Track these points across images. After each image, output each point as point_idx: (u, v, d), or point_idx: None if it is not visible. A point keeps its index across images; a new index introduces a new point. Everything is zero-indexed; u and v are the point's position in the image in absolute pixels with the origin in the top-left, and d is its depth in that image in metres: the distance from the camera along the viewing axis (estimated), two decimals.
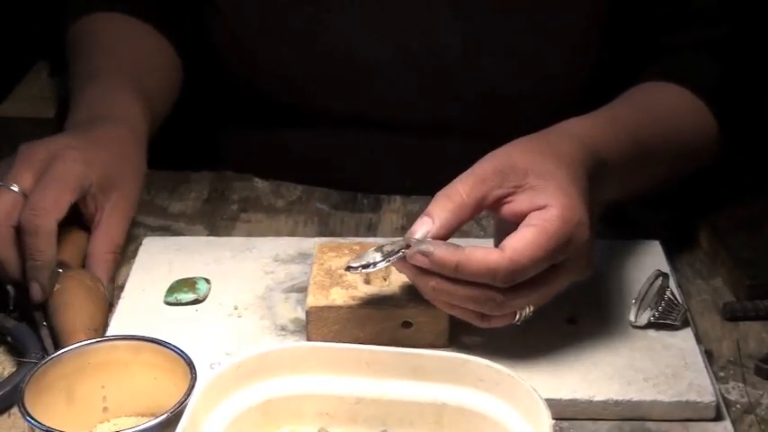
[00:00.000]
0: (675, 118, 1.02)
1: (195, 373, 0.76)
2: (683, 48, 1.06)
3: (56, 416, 0.77)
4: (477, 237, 1.05)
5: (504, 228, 0.85)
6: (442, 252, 0.80)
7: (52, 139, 0.96)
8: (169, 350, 0.79)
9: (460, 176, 0.84)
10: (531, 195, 0.83)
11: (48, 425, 0.74)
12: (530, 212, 0.83)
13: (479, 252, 0.81)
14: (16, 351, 0.89)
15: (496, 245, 0.84)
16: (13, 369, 0.88)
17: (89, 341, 0.81)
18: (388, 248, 0.83)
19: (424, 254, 0.81)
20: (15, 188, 0.92)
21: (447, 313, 0.86)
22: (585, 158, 0.88)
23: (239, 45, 1.12)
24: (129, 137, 1.01)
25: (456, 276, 0.81)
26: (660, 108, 1.02)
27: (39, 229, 0.89)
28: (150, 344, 0.79)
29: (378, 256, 0.83)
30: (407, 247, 0.82)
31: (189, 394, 0.75)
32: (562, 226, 0.82)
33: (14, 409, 0.84)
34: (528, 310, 0.84)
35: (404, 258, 0.82)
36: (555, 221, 0.82)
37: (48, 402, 0.77)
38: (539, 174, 0.84)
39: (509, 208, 0.84)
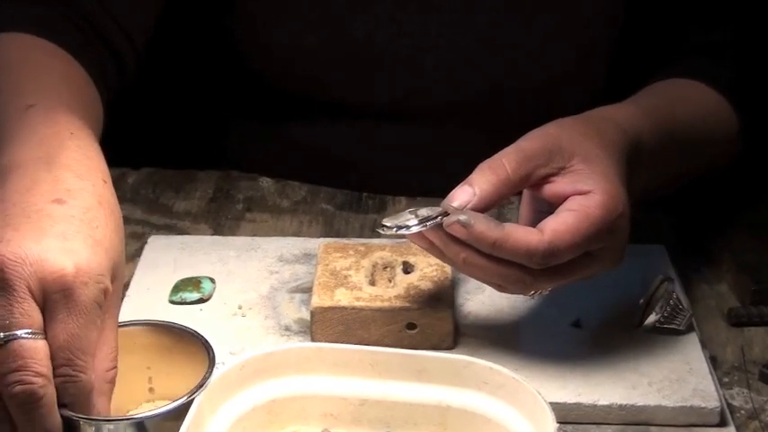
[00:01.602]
0: (700, 112, 1.02)
1: (212, 368, 0.76)
2: (699, 48, 1.06)
3: None
4: None
5: (537, 205, 0.84)
6: (483, 226, 0.78)
7: (41, 242, 0.71)
8: (201, 343, 0.79)
9: (506, 150, 0.82)
10: (575, 179, 0.82)
11: None
12: (572, 196, 0.81)
13: (519, 231, 0.79)
14: None
15: (523, 220, 0.84)
16: None
17: (134, 322, 0.82)
18: (424, 213, 0.80)
19: (464, 225, 0.78)
20: (29, 334, 0.70)
21: (451, 316, 0.86)
22: (626, 146, 0.87)
23: (256, 38, 1.11)
24: (105, 186, 0.79)
25: (491, 252, 0.79)
26: (685, 102, 1.02)
27: (84, 387, 0.72)
28: (188, 334, 0.80)
29: (413, 220, 0.80)
30: (445, 214, 0.80)
31: (201, 387, 0.75)
32: (604, 214, 0.81)
33: None
34: (546, 289, 0.84)
35: (440, 225, 0.80)
36: (598, 209, 0.80)
37: None
38: (585, 158, 0.83)
39: (551, 188, 0.82)
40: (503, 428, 0.76)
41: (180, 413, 0.73)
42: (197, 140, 1.23)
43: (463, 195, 0.80)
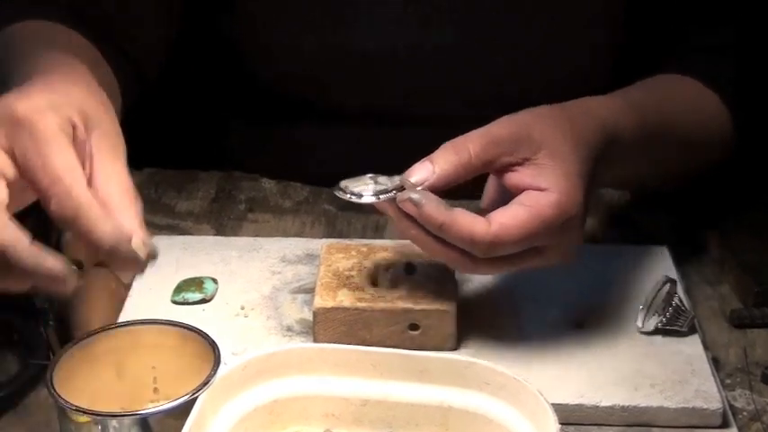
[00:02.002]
0: (690, 108, 1.02)
1: (217, 367, 0.76)
2: (699, 47, 1.06)
3: (105, 386, 0.78)
4: None
5: (499, 188, 0.85)
6: (431, 208, 0.80)
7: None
8: (207, 342, 0.79)
9: (474, 132, 0.83)
10: (535, 173, 0.82)
11: (95, 393, 0.76)
12: (528, 190, 0.82)
13: (466, 219, 0.80)
14: (23, 349, 0.89)
15: (487, 198, 0.85)
16: (20, 368, 0.88)
17: (139, 321, 0.82)
18: (382, 181, 0.82)
19: (415, 203, 0.80)
20: None
21: (454, 317, 0.86)
22: (600, 141, 0.87)
23: (256, 39, 1.11)
24: (89, 74, 0.83)
25: (437, 234, 0.81)
26: (676, 97, 1.02)
27: (79, 208, 0.71)
28: (195, 333, 0.80)
29: (368, 189, 0.82)
30: (401, 189, 0.81)
31: (205, 385, 0.75)
32: (556, 214, 0.81)
33: (21, 406, 0.85)
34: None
35: (394, 199, 0.82)
36: (550, 208, 0.81)
37: (96, 372, 0.78)
38: (551, 153, 0.83)
39: (512, 177, 0.83)
40: (504, 429, 0.76)
41: (183, 411, 0.73)
42: (198, 141, 1.23)
43: (422, 172, 0.81)
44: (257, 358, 0.78)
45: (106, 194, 0.73)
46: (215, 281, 0.95)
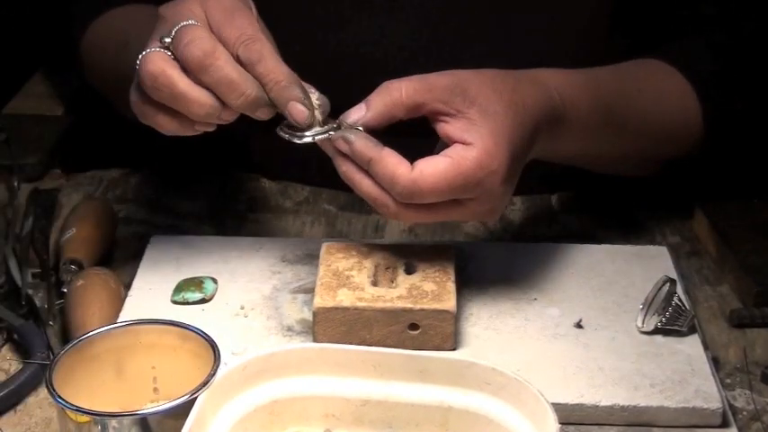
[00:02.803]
0: (659, 93, 1.02)
1: (217, 367, 0.76)
2: (681, 41, 1.06)
3: (105, 386, 0.78)
4: (483, 239, 1.05)
5: (441, 144, 0.87)
6: (362, 144, 0.85)
7: None
8: (207, 341, 0.79)
9: (411, 77, 0.87)
10: (464, 127, 0.85)
11: (94, 393, 0.76)
12: (455, 142, 0.85)
13: (392, 159, 0.84)
14: (22, 349, 0.89)
15: (435, 151, 0.87)
16: (20, 368, 0.88)
17: (139, 321, 0.82)
18: (319, 126, 0.86)
19: (347, 141, 0.85)
20: (194, 22, 0.84)
21: (454, 316, 0.86)
22: (542, 110, 0.89)
23: None
24: None
25: (366, 169, 0.85)
26: (644, 80, 1.02)
27: (261, 52, 0.83)
28: (195, 333, 0.80)
29: (308, 132, 0.86)
30: (338, 128, 0.85)
31: (205, 384, 0.75)
32: (475, 169, 0.84)
33: (20, 406, 0.85)
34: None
35: (329, 139, 0.86)
36: (470, 162, 0.84)
37: (95, 372, 0.78)
38: (483, 110, 0.85)
39: (442, 127, 0.86)
40: (504, 429, 0.76)
41: (183, 411, 0.73)
42: (199, 142, 1.22)
43: (357, 112, 0.87)
44: (257, 358, 0.78)
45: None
46: (215, 281, 0.95)
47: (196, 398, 0.74)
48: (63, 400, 0.74)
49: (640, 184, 1.10)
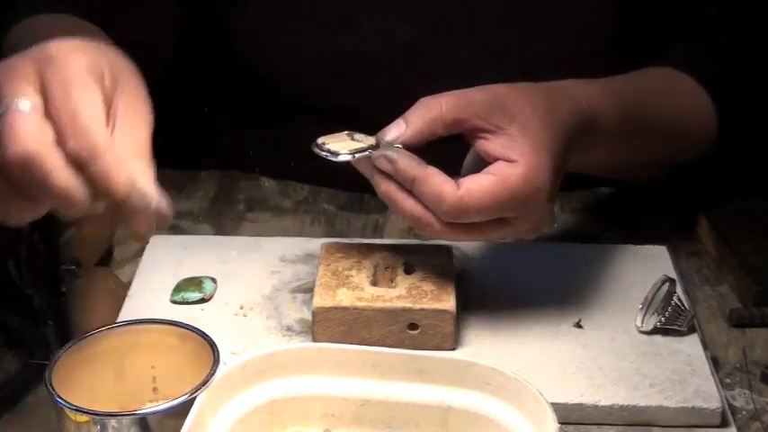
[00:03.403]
0: (675, 99, 1.02)
1: (216, 366, 0.76)
2: (686, 45, 1.06)
3: (104, 386, 0.78)
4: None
5: (475, 159, 0.86)
6: (405, 163, 0.82)
7: (27, 51, 0.73)
8: (206, 341, 0.79)
9: (450, 92, 0.85)
10: (506, 143, 0.84)
11: (94, 393, 0.75)
12: (498, 160, 0.83)
13: (437, 177, 0.82)
14: (22, 349, 0.89)
15: (466, 168, 0.86)
16: (19, 368, 0.88)
17: (138, 320, 0.82)
18: (359, 138, 0.84)
19: (389, 159, 0.82)
20: (26, 106, 0.69)
21: (453, 316, 0.86)
22: (575, 123, 0.88)
23: (258, 45, 1.11)
24: (112, 45, 0.79)
25: (410, 189, 0.82)
26: (659, 88, 1.02)
27: (96, 148, 0.69)
28: (194, 333, 0.80)
29: (345, 149, 0.84)
30: (376, 146, 0.83)
31: (204, 384, 0.75)
32: (522, 187, 0.82)
33: (20, 406, 0.85)
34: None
35: (369, 157, 0.83)
36: (516, 180, 0.82)
37: (95, 372, 0.78)
38: (523, 126, 0.84)
39: (482, 144, 0.84)
40: (504, 429, 0.76)
41: (182, 410, 0.73)
42: (198, 141, 1.23)
43: (396, 129, 0.84)
44: (256, 358, 0.78)
45: (121, 151, 0.71)
46: (214, 280, 0.95)
47: (195, 398, 0.74)
48: (62, 399, 0.74)
49: (640, 184, 1.10)
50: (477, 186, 0.82)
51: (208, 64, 1.18)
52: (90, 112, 0.70)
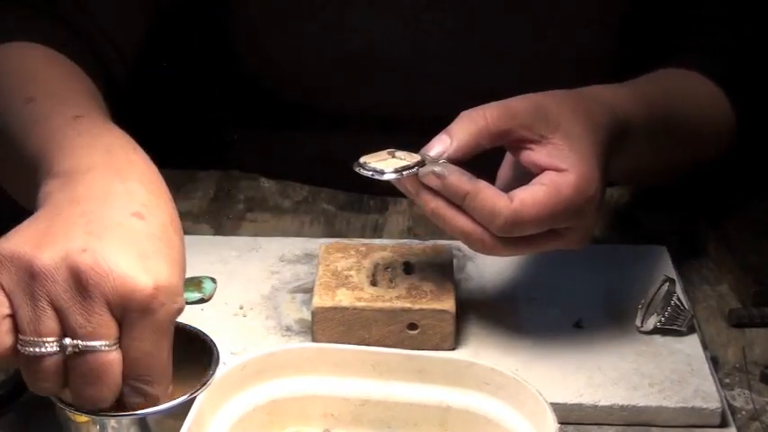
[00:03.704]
0: (693, 102, 1.02)
1: (216, 366, 0.76)
2: (698, 46, 1.06)
3: None
4: None
5: (516, 171, 0.84)
6: (456, 178, 0.80)
7: (124, 257, 0.69)
8: (205, 341, 0.78)
9: (491, 103, 0.83)
10: (553, 153, 0.82)
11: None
12: (546, 170, 0.82)
13: (490, 191, 0.80)
14: None
15: (501, 181, 0.85)
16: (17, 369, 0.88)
17: None
18: (401, 156, 0.82)
19: (438, 176, 0.80)
20: (105, 347, 0.69)
21: (453, 316, 0.86)
22: (612, 129, 0.86)
23: (258, 48, 1.11)
24: (173, 203, 0.77)
25: (461, 204, 0.80)
26: (680, 90, 1.02)
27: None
28: (193, 333, 0.79)
29: (389, 167, 0.81)
30: (422, 164, 0.81)
31: (204, 384, 0.74)
32: (575, 195, 0.81)
33: (19, 406, 0.85)
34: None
35: (416, 175, 0.81)
36: (569, 189, 0.81)
37: None
38: (567, 134, 0.82)
39: (528, 155, 0.83)
40: (503, 429, 0.76)
41: (182, 410, 0.73)
42: (198, 141, 1.23)
43: (440, 145, 0.82)
44: (256, 358, 0.78)
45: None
46: (214, 280, 0.95)
47: (195, 398, 0.74)
48: (62, 399, 0.73)
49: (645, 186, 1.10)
50: (530, 198, 0.80)
51: (207, 65, 1.18)
52: (156, 373, 0.71)
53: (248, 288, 0.95)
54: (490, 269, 0.97)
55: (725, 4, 1.07)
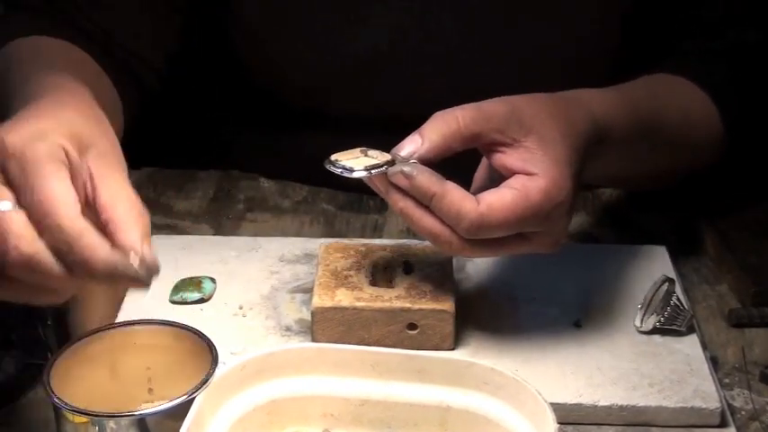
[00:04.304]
0: (682, 108, 1.02)
1: (215, 366, 0.76)
2: (691, 52, 1.06)
3: (99, 387, 0.78)
4: None
5: (492, 173, 0.84)
6: (424, 179, 0.80)
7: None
8: (203, 341, 0.79)
9: (465, 105, 0.83)
10: (525, 157, 0.82)
11: (90, 394, 0.75)
12: (517, 173, 0.82)
13: (457, 193, 0.80)
14: (20, 349, 0.89)
15: (476, 183, 0.85)
16: (18, 368, 0.88)
17: (133, 321, 0.82)
18: (373, 155, 0.82)
19: (407, 176, 0.80)
20: (7, 206, 0.70)
21: (452, 316, 0.86)
22: (590, 134, 0.87)
23: (258, 49, 1.11)
24: (86, 94, 0.81)
25: (429, 205, 0.80)
26: (668, 96, 1.02)
27: (68, 240, 0.70)
28: (191, 333, 0.80)
29: (359, 165, 0.82)
30: (392, 163, 0.81)
31: (204, 384, 0.75)
32: (544, 201, 0.81)
33: (19, 406, 0.85)
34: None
35: (385, 174, 0.82)
36: (539, 194, 0.80)
37: (90, 374, 0.78)
38: (541, 139, 0.82)
39: (500, 158, 0.83)
40: (503, 429, 0.76)
41: (181, 411, 0.73)
42: (198, 142, 1.23)
43: (411, 145, 0.82)
44: (256, 358, 0.78)
45: (110, 212, 0.72)
46: (213, 280, 0.95)
47: (194, 398, 0.74)
48: (61, 400, 0.74)
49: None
50: (498, 202, 0.80)
51: (208, 65, 1.18)
52: (58, 206, 0.69)
53: (248, 288, 0.95)
54: (490, 269, 0.97)
55: (725, 7, 1.06)
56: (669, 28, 1.08)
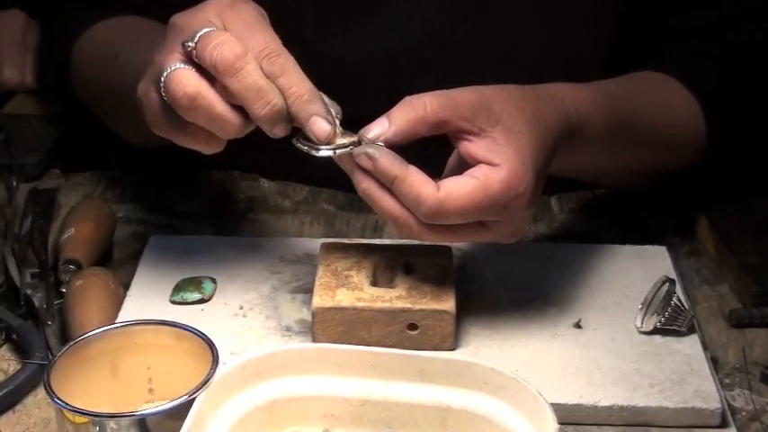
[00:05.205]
0: (665, 107, 1.02)
1: (215, 366, 0.76)
2: (683, 53, 1.06)
3: (99, 387, 0.78)
4: None
5: (459, 160, 0.85)
6: (387, 161, 0.82)
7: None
8: (204, 341, 0.79)
9: (434, 92, 0.84)
10: (489, 147, 0.83)
11: (90, 394, 0.76)
12: (481, 163, 0.83)
13: (417, 177, 0.81)
14: (21, 349, 0.89)
15: (449, 169, 0.86)
16: (18, 368, 0.88)
17: (133, 321, 0.82)
18: (339, 139, 0.84)
19: (370, 157, 0.82)
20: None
21: (453, 316, 0.86)
22: (561, 126, 0.87)
23: None
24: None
25: (390, 187, 0.82)
26: (651, 94, 1.02)
27: (285, 66, 0.83)
28: (191, 333, 0.80)
29: (327, 146, 0.84)
30: (358, 143, 0.83)
31: (204, 384, 0.75)
32: (503, 191, 0.82)
33: (19, 406, 0.85)
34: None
35: (350, 154, 0.83)
36: (498, 184, 0.81)
37: (91, 374, 0.78)
38: (507, 129, 0.83)
39: (465, 146, 0.84)
40: (503, 429, 0.76)
41: (182, 411, 0.73)
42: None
43: (378, 128, 0.83)
44: (256, 358, 0.78)
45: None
46: (214, 281, 0.95)
47: (195, 398, 0.74)
48: (61, 401, 0.74)
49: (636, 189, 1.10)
50: (457, 189, 0.81)
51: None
52: (274, 43, 0.83)
53: (248, 288, 0.95)
54: (490, 269, 0.97)
55: (718, 10, 1.06)
56: (662, 29, 1.07)
